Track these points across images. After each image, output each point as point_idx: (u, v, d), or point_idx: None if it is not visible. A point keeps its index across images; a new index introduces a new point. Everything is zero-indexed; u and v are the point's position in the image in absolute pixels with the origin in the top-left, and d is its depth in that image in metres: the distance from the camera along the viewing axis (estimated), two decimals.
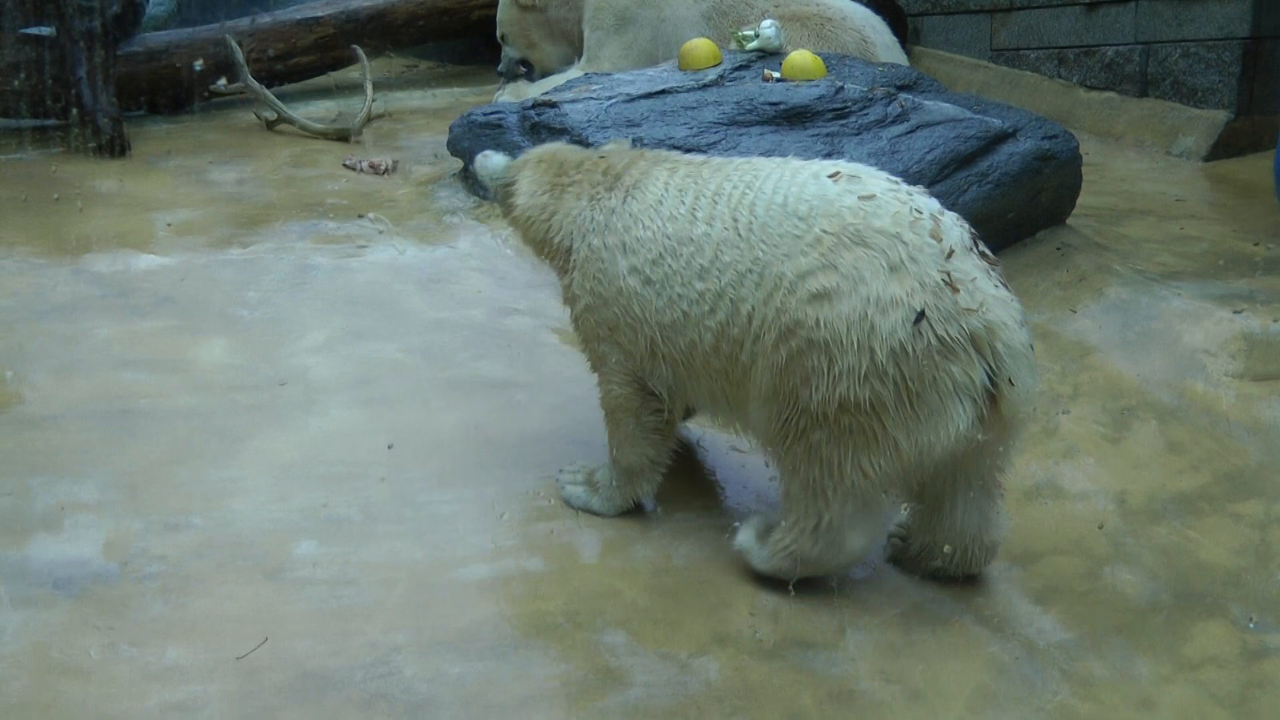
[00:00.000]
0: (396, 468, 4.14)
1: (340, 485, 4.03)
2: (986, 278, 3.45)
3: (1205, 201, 6.96)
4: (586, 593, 3.66)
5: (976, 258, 3.48)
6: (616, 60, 8.01)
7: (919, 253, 3.44)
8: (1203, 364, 4.94)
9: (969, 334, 3.39)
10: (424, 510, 3.95)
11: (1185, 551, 4.14)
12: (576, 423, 4.42)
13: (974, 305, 3.40)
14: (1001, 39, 9.36)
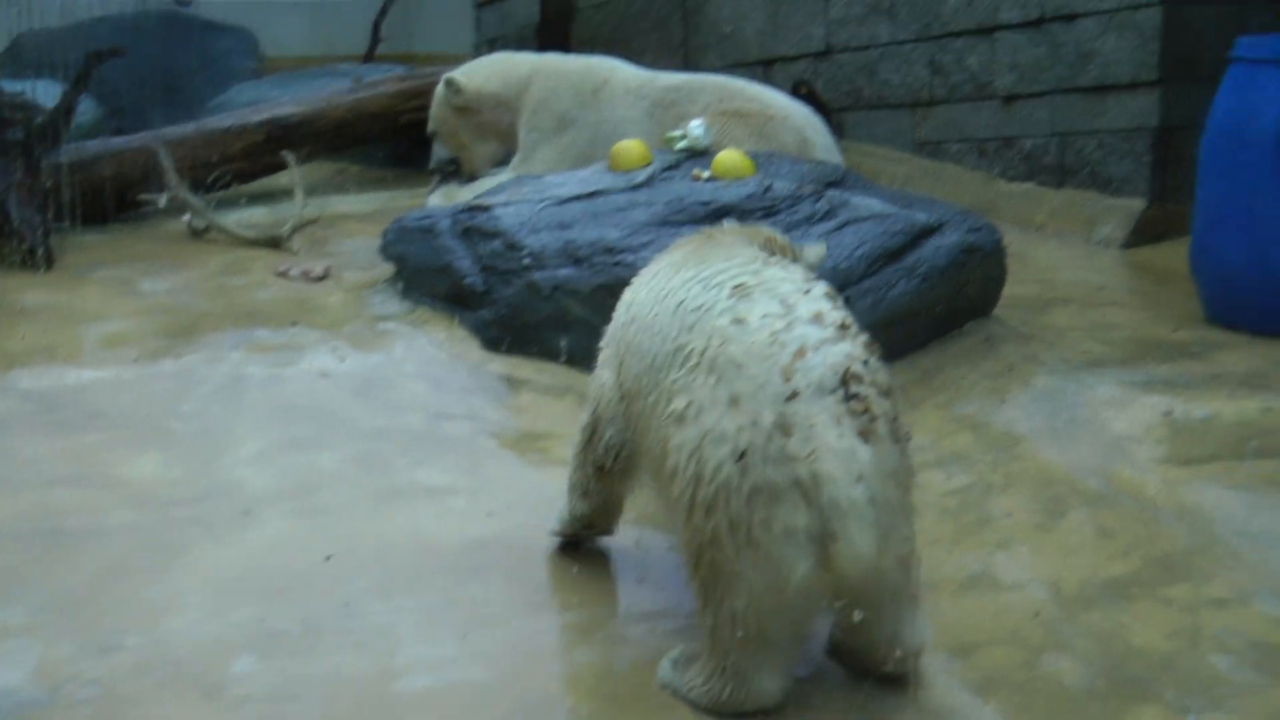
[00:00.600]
0: (336, 578, 4.13)
1: (279, 598, 4.01)
2: (834, 425, 3.28)
3: (1125, 288, 7.09)
4: (530, 701, 3.65)
5: (837, 401, 3.31)
6: (552, 162, 8.06)
7: (761, 390, 3.32)
8: (1129, 450, 5.01)
9: (795, 481, 3.26)
10: (365, 621, 3.93)
11: (1119, 637, 4.18)
12: (516, 527, 4.43)
13: (802, 454, 3.26)
14: (924, 132, 9.52)
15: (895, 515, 3.36)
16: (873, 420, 3.31)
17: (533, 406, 5.40)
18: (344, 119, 9.41)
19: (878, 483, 3.27)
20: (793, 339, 3.38)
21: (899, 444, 3.41)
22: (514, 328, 5.77)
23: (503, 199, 6.34)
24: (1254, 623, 4.22)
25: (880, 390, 3.39)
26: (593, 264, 5.70)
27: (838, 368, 3.34)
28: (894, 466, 3.36)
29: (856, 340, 3.45)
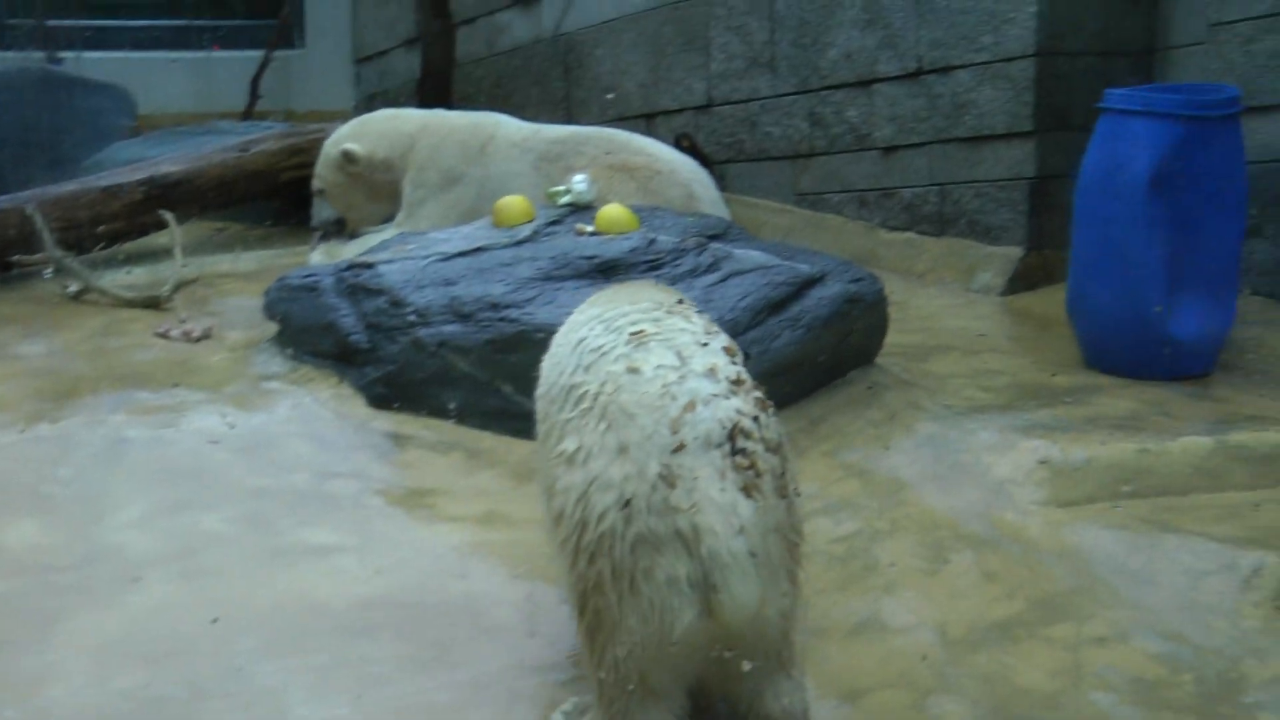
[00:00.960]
0: (223, 641, 4.08)
1: (163, 663, 3.96)
2: (718, 480, 3.32)
3: (1005, 335, 7.20)
4: None
5: (723, 456, 3.35)
6: (437, 218, 8.03)
7: (648, 440, 3.36)
8: (1011, 494, 5.10)
9: (677, 532, 3.29)
10: (252, 683, 3.89)
11: (1004, 678, 4.24)
12: (404, 585, 4.42)
13: (685, 505, 3.29)
14: (804, 184, 9.63)
15: (777, 571, 3.41)
16: (757, 476, 3.35)
17: (420, 463, 5.38)
18: (224, 177, 9.31)
19: (759, 537, 3.31)
20: (684, 392, 3.41)
21: (785, 500, 3.45)
22: (400, 385, 5.76)
23: (386, 256, 6.32)
24: (1133, 660, 4.30)
25: (768, 446, 3.43)
26: (478, 320, 5.70)
27: (725, 423, 3.37)
28: (777, 523, 3.40)
29: (748, 396, 3.49)
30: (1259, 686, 4.15)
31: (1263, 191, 6.51)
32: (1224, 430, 5.32)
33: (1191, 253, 6.01)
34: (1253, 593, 4.48)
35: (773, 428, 3.48)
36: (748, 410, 3.43)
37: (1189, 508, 4.97)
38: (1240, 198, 6.11)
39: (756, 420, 3.43)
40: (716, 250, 6.22)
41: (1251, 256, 6.56)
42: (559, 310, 5.61)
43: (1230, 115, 6.05)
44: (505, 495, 5.20)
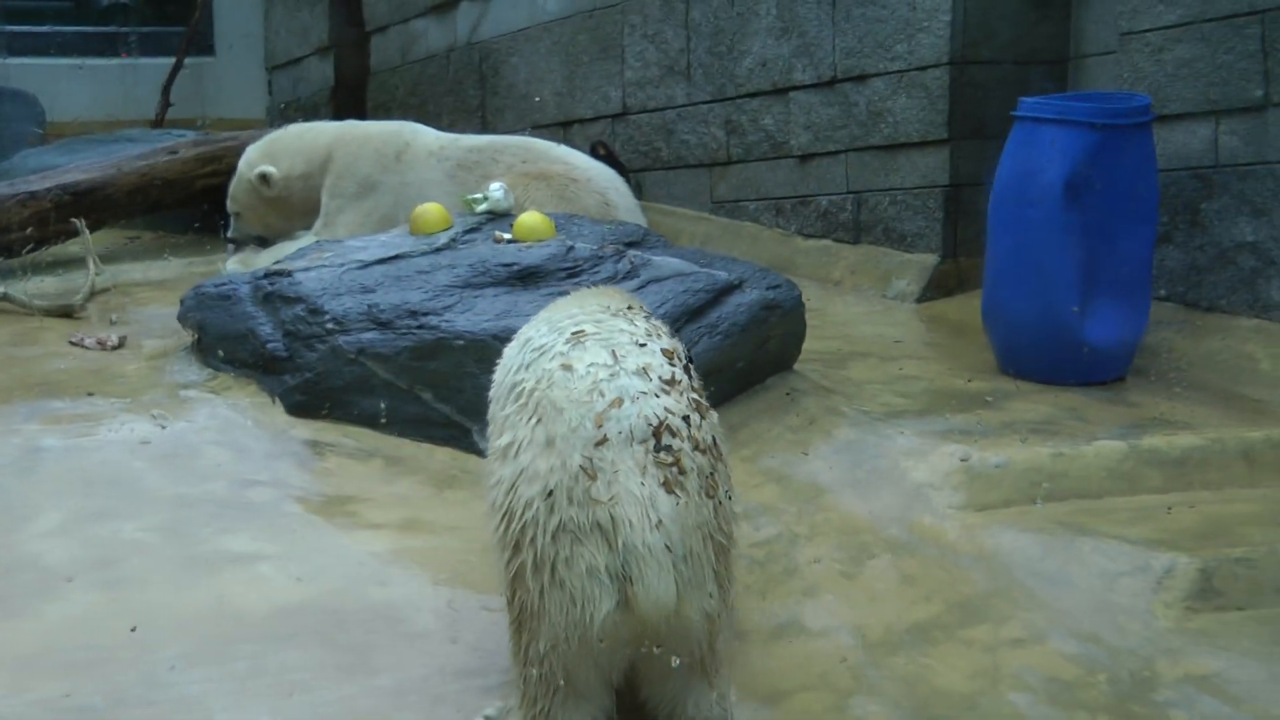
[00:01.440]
0: (143, 650, 4.04)
1: (83, 673, 3.92)
2: (638, 474, 3.40)
3: (921, 341, 7.27)
4: None
5: (646, 452, 3.42)
6: (354, 227, 8.00)
7: (573, 434, 3.44)
8: (928, 498, 5.14)
9: (596, 523, 3.37)
10: (172, 692, 3.86)
11: (923, 679, 4.29)
12: (326, 592, 4.40)
13: (604, 498, 3.37)
14: (721, 191, 9.68)
15: (701, 569, 3.45)
16: (681, 474, 3.41)
17: (339, 470, 5.36)
18: (136, 185, 9.23)
19: (678, 533, 3.38)
20: (613, 389, 3.49)
21: (713, 501, 3.50)
22: (319, 393, 5.73)
23: (303, 264, 6.29)
24: (1050, 660, 4.36)
25: (697, 446, 3.49)
26: (397, 328, 5.69)
27: (651, 420, 3.44)
28: (702, 521, 3.45)
29: (682, 397, 3.56)
30: (1171, 685, 4.22)
31: (1173, 199, 6.60)
32: (1137, 434, 5.40)
33: (1105, 259, 6.09)
34: (1165, 593, 4.54)
35: (706, 430, 3.55)
36: (677, 409, 3.50)
37: (1103, 510, 5.04)
38: (1152, 205, 6.20)
39: (686, 420, 3.49)
40: (635, 257, 6.24)
41: (1163, 263, 6.65)
42: (478, 318, 5.64)
43: (1142, 123, 6.13)
44: (425, 502, 5.19)
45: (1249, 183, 6.26)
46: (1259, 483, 5.26)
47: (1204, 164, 6.49)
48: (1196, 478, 5.24)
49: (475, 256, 6.16)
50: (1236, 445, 5.32)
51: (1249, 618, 4.49)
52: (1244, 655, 4.29)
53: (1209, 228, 6.48)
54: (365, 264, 6.17)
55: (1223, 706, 4.09)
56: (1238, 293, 6.34)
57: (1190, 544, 4.72)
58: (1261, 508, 5.05)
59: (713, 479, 3.51)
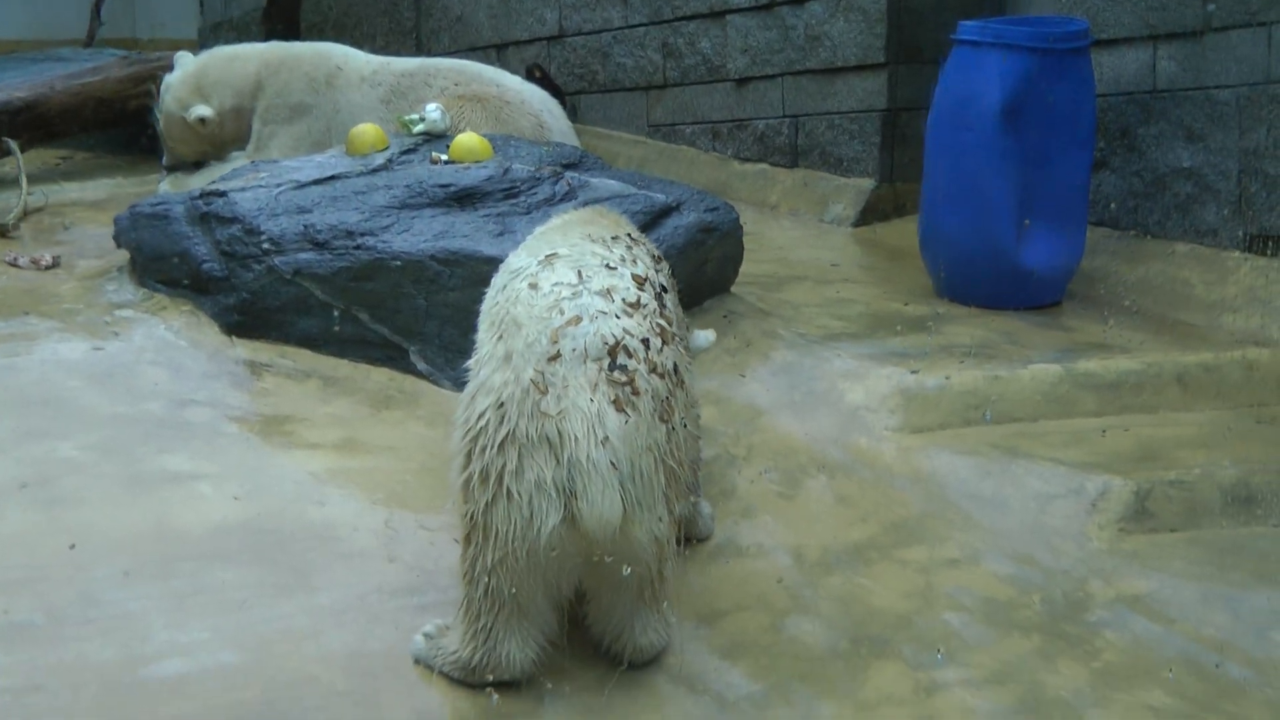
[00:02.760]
0: (80, 568, 4.02)
1: (21, 590, 3.89)
2: (588, 390, 3.45)
3: (857, 265, 7.29)
4: (284, 681, 3.64)
5: (599, 370, 3.48)
6: (286, 150, 7.92)
7: (529, 349, 3.51)
8: (865, 420, 5.17)
9: (544, 436, 3.43)
10: (111, 609, 3.85)
11: (858, 599, 4.33)
12: (263, 511, 4.38)
13: (552, 412, 3.43)
14: (657, 115, 9.64)
15: (650, 491, 3.51)
16: (634, 394, 3.48)
17: (277, 390, 5.33)
18: (68, 105, 9.11)
19: (625, 450, 3.44)
20: (573, 307, 3.58)
21: (667, 425, 3.55)
22: (255, 313, 5.69)
23: (239, 184, 6.23)
24: (984, 581, 4.41)
25: (655, 370, 3.56)
26: (333, 248, 5.65)
27: (608, 339, 3.52)
28: (653, 443, 3.51)
29: (645, 320, 3.63)
30: (1103, 605, 4.28)
31: (1110, 124, 6.63)
32: (1073, 358, 5.44)
33: (1042, 184, 6.11)
34: (1099, 515, 4.60)
35: (668, 355, 3.62)
36: (637, 331, 3.58)
37: (1038, 434, 5.09)
38: (1089, 130, 6.22)
39: (645, 343, 3.57)
40: (572, 179, 6.22)
41: (1100, 188, 6.68)
42: (415, 239, 5.61)
43: (1079, 48, 6.14)
44: (362, 422, 5.18)
45: (1186, 108, 6.28)
46: (1193, 406, 5.32)
47: (1142, 89, 6.51)
48: (1131, 401, 5.29)
49: (412, 177, 6.12)
50: (1171, 369, 5.37)
51: (1182, 539, 4.56)
52: (1176, 576, 4.35)
53: (1146, 153, 6.51)
54: (301, 184, 6.12)
55: (1154, 626, 4.16)
56: (1174, 218, 6.38)
57: (1124, 467, 4.77)
58: (1195, 431, 5.11)
59: (668, 404, 3.57)
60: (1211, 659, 4.01)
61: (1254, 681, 3.93)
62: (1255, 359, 5.46)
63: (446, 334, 5.52)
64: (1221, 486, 4.69)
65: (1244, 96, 5.99)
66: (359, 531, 4.37)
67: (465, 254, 5.54)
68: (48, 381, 5.18)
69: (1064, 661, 4.04)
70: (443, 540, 4.31)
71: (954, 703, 3.86)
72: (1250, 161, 5.97)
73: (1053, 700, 3.87)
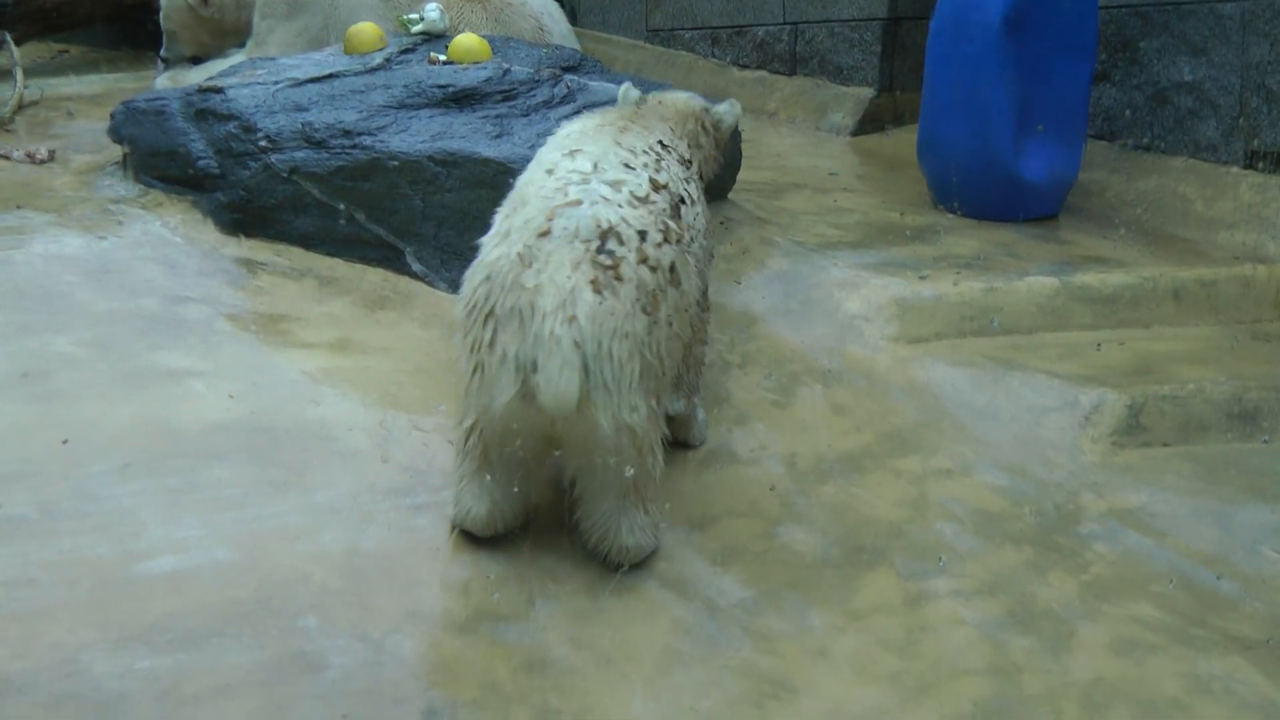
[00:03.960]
0: (74, 463, 4.01)
1: (14, 484, 3.89)
2: (568, 268, 3.48)
3: (855, 174, 7.26)
4: (277, 579, 3.65)
5: (586, 251, 3.51)
6: (285, 46, 7.87)
7: (526, 225, 3.58)
8: (860, 329, 5.17)
9: (517, 308, 3.48)
10: (105, 505, 3.85)
11: (851, 508, 4.34)
12: (258, 410, 4.37)
13: (529, 284, 3.48)
14: (656, 20, 9.57)
15: (619, 376, 3.53)
16: (616, 279, 3.51)
17: (272, 289, 5.31)
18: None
19: (594, 332, 3.47)
20: (577, 191, 3.63)
21: (650, 319, 3.56)
22: (251, 211, 5.66)
23: (236, 81, 6.17)
24: (976, 492, 4.42)
25: (646, 262, 3.58)
26: (330, 146, 5.61)
27: (602, 223, 3.56)
28: (631, 332, 3.52)
29: (649, 215, 3.67)
30: (1095, 519, 4.29)
31: (1112, 37, 6.59)
32: (1069, 271, 5.44)
33: (1042, 96, 6.09)
34: (1092, 429, 4.61)
35: (667, 253, 3.65)
36: (636, 222, 3.61)
37: (1034, 346, 5.09)
38: (1090, 42, 6.18)
39: (643, 235, 3.60)
40: (571, 82, 6.17)
41: (1099, 101, 6.65)
42: (413, 139, 5.57)
43: None
44: (357, 322, 5.16)
45: (1189, 22, 6.24)
46: (1188, 321, 5.33)
47: (1144, 1, 6.46)
48: (1127, 315, 5.30)
49: (410, 77, 6.07)
50: (1167, 284, 5.38)
51: (1175, 454, 4.57)
52: (1168, 490, 4.37)
53: (1147, 66, 6.48)
54: (299, 82, 6.06)
55: (1145, 539, 4.18)
56: (1174, 133, 6.36)
57: (1119, 380, 4.78)
58: (1190, 346, 5.12)
59: (655, 297, 3.58)
60: (1201, 573, 4.03)
61: (1243, 596, 3.96)
62: (1252, 275, 5.47)
63: (443, 235, 5.49)
64: (1215, 402, 4.71)
65: (1248, 10, 5.94)
66: (353, 431, 4.37)
67: (463, 155, 5.51)
68: (42, 276, 5.15)
69: (1054, 574, 4.06)
70: (436, 441, 4.31)
71: (944, 613, 3.89)
72: (1252, 76, 5.94)
73: (1043, 612, 3.90)
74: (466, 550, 3.87)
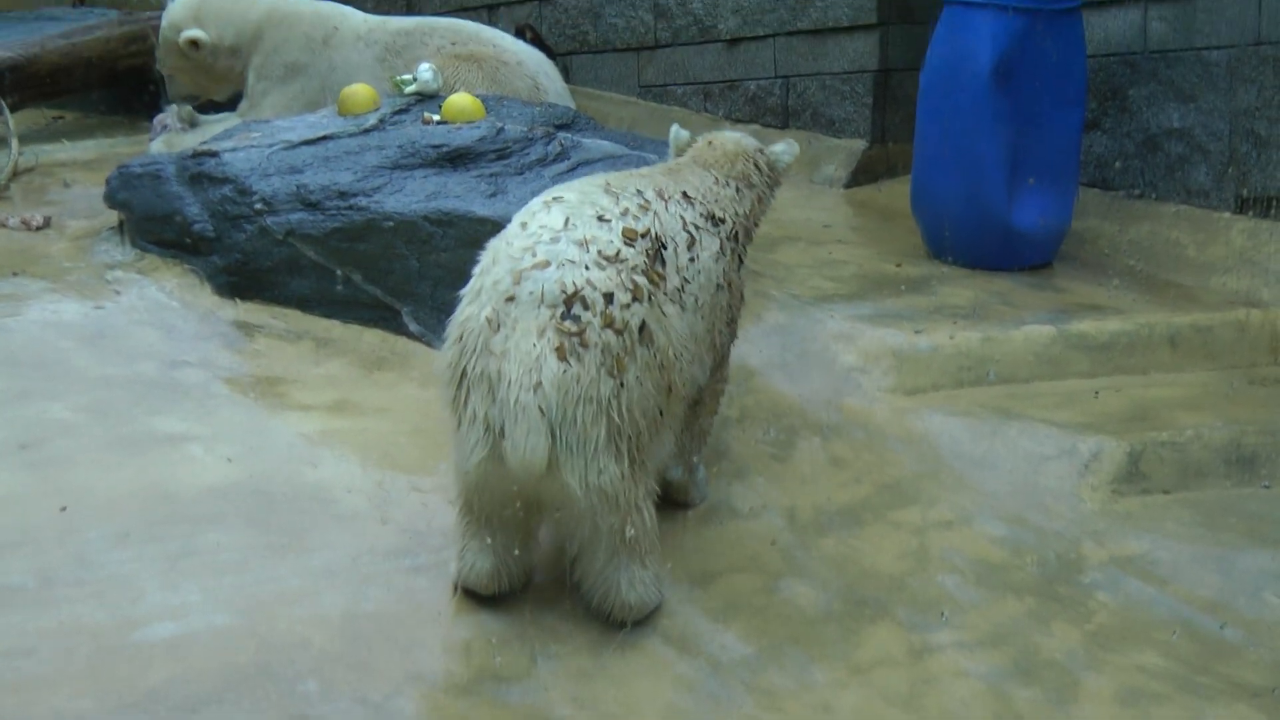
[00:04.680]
0: (72, 530, 4.00)
1: (12, 552, 3.88)
2: (534, 335, 3.54)
3: (849, 226, 7.27)
4: (277, 643, 3.64)
5: (551, 316, 3.56)
6: (280, 109, 7.89)
7: (494, 286, 3.63)
8: (858, 381, 5.18)
9: (485, 373, 3.56)
10: (103, 571, 3.84)
11: (852, 560, 4.33)
12: (256, 473, 4.37)
13: (497, 350, 3.55)
14: (648, 75, 9.60)
15: (585, 440, 3.57)
16: (581, 345, 3.55)
17: (269, 352, 5.32)
18: (59, 65, 9.03)
19: (559, 399, 3.52)
20: (545, 251, 3.64)
21: (616, 381, 3.59)
22: (247, 274, 5.67)
23: (231, 144, 6.19)
24: (976, 543, 4.42)
25: (611, 325, 3.59)
26: (325, 208, 5.63)
27: (567, 287, 3.58)
28: (595, 396, 3.56)
29: (619, 275, 3.66)
30: (1097, 567, 4.29)
31: (1101, 85, 6.61)
32: (1065, 319, 5.45)
33: (1033, 145, 6.10)
34: (1091, 477, 4.61)
35: (635, 313, 3.63)
36: (603, 285, 3.61)
37: (1031, 395, 5.10)
38: (1080, 91, 6.21)
39: (609, 297, 3.60)
40: (565, 140, 6.20)
41: (1091, 149, 6.67)
42: (408, 199, 5.59)
43: (1070, 9, 6.13)
44: (355, 384, 5.17)
45: (1177, 69, 6.27)
46: (1185, 367, 5.33)
47: (1132, 50, 6.50)
48: (1123, 362, 5.30)
49: (404, 137, 6.10)
50: (1163, 330, 5.38)
51: (1175, 500, 4.57)
52: (1169, 537, 4.37)
53: (1137, 114, 6.50)
54: (293, 144, 6.08)
55: (1147, 587, 4.17)
56: (1165, 179, 6.38)
57: (1117, 428, 4.78)
58: (1187, 392, 5.12)
59: (620, 359, 3.59)
60: (1205, 620, 4.03)
61: (1247, 642, 3.96)
62: (1246, 320, 5.48)
63: (439, 295, 5.50)
64: (1213, 447, 4.71)
65: (1234, 57, 5.98)
66: (352, 493, 4.37)
67: (458, 214, 5.52)
68: (39, 342, 5.15)
69: (1057, 623, 4.06)
70: (435, 502, 4.31)
71: (948, 665, 3.88)
72: (1240, 122, 5.97)
73: (1046, 662, 3.89)
74: (468, 611, 3.87)
